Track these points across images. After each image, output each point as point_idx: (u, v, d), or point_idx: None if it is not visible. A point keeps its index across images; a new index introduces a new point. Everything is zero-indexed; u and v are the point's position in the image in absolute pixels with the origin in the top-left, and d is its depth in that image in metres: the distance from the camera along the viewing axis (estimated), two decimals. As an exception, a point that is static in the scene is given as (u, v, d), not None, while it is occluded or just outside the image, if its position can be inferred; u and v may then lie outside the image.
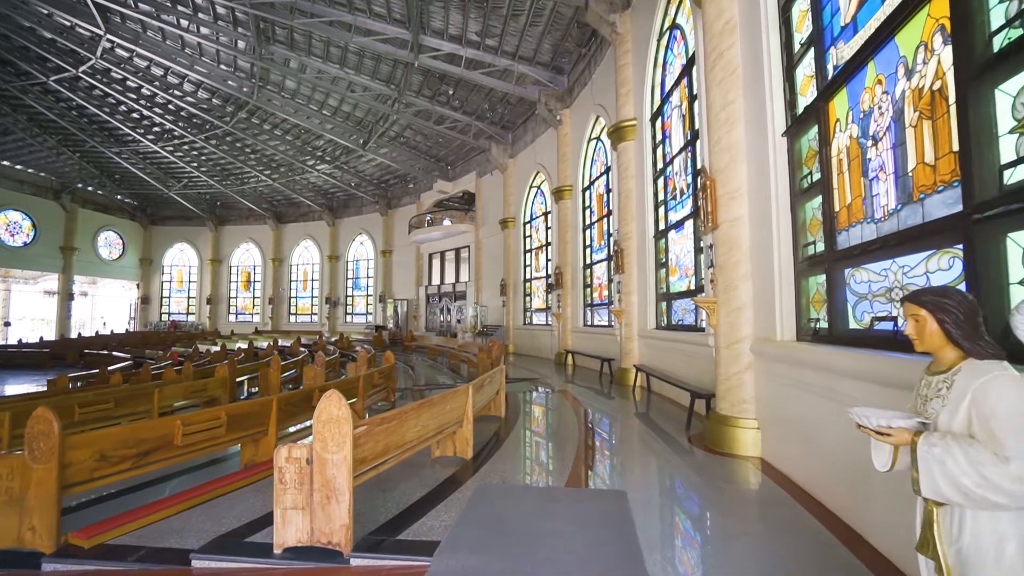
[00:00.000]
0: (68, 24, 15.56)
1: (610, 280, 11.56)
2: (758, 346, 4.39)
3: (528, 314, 17.72)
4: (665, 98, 8.40)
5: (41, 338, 20.55)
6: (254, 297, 30.37)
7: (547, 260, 16.11)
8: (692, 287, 7.20)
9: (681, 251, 7.64)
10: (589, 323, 13.30)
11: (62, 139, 21.64)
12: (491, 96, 16.96)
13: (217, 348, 17.57)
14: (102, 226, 26.81)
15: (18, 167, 22.61)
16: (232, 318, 30.10)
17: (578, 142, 13.72)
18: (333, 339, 21.75)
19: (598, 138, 12.85)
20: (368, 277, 28.59)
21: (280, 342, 19.82)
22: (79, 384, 9.45)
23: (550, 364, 13.78)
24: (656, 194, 8.89)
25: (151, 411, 6.90)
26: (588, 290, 13.39)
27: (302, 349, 16.01)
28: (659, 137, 8.80)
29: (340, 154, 23.36)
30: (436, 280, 25.07)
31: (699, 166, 6.08)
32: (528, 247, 17.92)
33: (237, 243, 30.25)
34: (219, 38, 15.65)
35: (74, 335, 22.93)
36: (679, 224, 7.65)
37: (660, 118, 8.72)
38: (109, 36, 15.58)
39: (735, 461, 4.43)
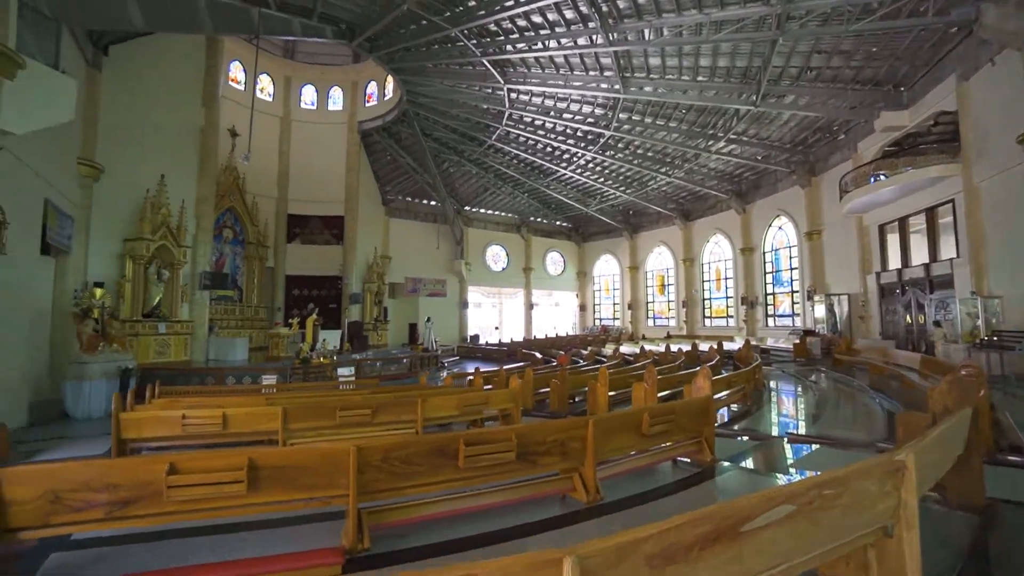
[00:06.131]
0: (490, 91, 19.41)
1: None
2: None
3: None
4: None
5: (511, 339, 26.91)
6: (668, 301, 29.82)
7: None
8: None
9: None
10: None
11: (513, 185, 27.93)
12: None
13: (608, 351, 17.44)
14: (548, 248, 33.19)
15: (496, 212, 31.00)
16: (650, 322, 30.57)
17: None
18: (738, 346, 17.80)
19: None
20: (791, 269, 22.59)
21: (675, 347, 17.75)
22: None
23: None
24: None
25: (414, 423, 6.32)
26: None
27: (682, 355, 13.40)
28: None
29: (734, 124, 19.35)
30: (894, 263, 16.74)
31: None
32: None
33: (650, 248, 30.68)
34: (577, 42, 15.60)
35: (532, 337, 29.02)
36: None
37: None
38: (508, 86, 18.37)
39: None
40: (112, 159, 12.11)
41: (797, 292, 22.14)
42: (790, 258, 22.66)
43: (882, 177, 15.60)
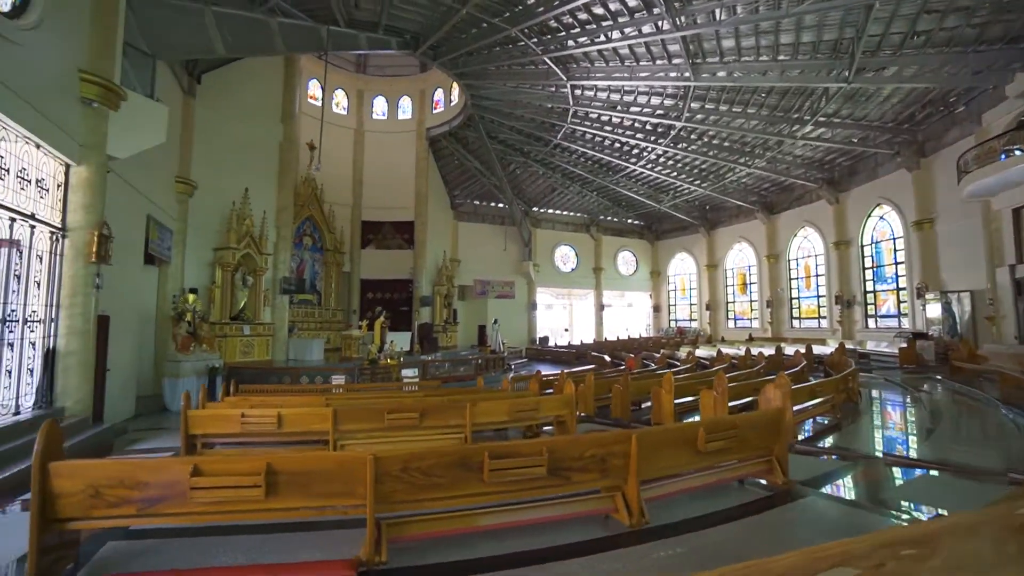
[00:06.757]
0: (553, 89, 19.10)
1: None
2: None
3: None
4: None
5: (581, 341, 26.29)
6: (751, 300, 27.61)
7: None
8: None
9: None
10: None
11: (581, 183, 27.31)
12: None
13: (682, 355, 16.40)
14: (619, 247, 32.04)
15: (564, 212, 30.48)
16: (731, 323, 28.48)
17: None
18: (831, 349, 16.00)
19: None
20: (895, 264, 19.99)
21: (757, 350, 16.32)
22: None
23: None
24: None
25: (463, 429, 6.19)
26: None
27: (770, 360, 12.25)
28: None
29: (823, 105, 17.43)
30: (1033, 253, 14.18)
31: None
32: None
33: (730, 245, 28.61)
34: (641, 31, 14.86)
35: (603, 339, 28.14)
36: None
37: None
38: (572, 82, 17.93)
39: None
40: (204, 176, 13.36)
41: (904, 290, 19.53)
42: (894, 251, 20.06)
43: (1017, 152, 13.27)
